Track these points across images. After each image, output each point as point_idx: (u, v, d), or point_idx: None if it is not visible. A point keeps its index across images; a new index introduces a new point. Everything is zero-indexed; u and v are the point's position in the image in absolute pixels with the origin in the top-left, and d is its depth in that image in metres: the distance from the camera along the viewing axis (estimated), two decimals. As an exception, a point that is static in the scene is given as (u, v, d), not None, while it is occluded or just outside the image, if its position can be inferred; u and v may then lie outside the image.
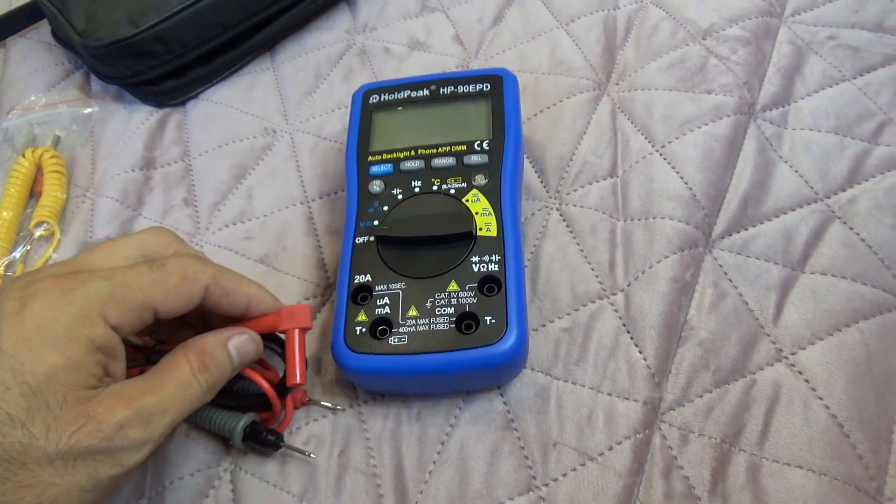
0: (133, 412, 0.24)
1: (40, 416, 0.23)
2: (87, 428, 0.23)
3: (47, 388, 0.23)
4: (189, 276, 0.27)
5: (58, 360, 0.23)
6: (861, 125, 0.38)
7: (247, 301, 0.29)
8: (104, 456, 0.23)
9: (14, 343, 0.23)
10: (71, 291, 0.25)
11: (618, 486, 0.28)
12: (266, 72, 0.47)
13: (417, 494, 0.29)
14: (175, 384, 0.26)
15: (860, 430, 0.29)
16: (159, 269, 0.26)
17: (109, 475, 0.24)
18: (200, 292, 0.27)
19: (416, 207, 0.33)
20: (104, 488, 0.24)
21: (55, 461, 0.23)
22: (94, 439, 0.23)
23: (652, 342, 0.32)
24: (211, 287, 0.28)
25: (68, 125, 0.45)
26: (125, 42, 0.43)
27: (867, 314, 0.32)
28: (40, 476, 0.22)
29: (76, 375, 0.24)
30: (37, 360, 0.23)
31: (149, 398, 0.25)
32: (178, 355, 0.27)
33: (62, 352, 0.24)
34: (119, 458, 0.24)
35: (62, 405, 0.23)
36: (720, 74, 0.41)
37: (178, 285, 0.27)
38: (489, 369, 0.29)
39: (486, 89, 0.36)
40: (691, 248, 0.34)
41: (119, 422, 0.24)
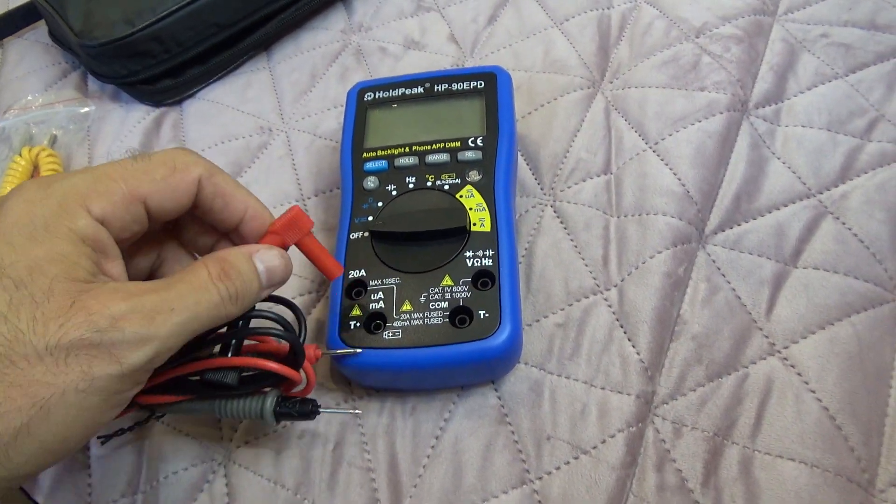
0: (131, 305, 0.22)
1: (25, 308, 0.21)
2: (77, 319, 0.21)
3: (30, 281, 0.22)
4: (179, 166, 0.25)
5: (39, 252, 0.22)
6: (853, 122, 0.39)
7: (244, 208, 0.27)
8: (98, 350, 0.21)
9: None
10: (49, 186, 0.23)
11: (611, 478, 0.29)
12: (262, 71, 0.47)
13: (412, 488, 0.29)
14: (186, 286, 0.24)
15: (852, 423, 0.29)
16: (144, 159, 0.25)
17: (107, 373, 0.21)
18: (192, 187, 0.25)
19: (410, 203, 0.33)
20: (104, 392, 0.22)
21: (45, 357, 0.21)
22: (85, 331, 0.21)
23: (645, 337, 0.32)
24: (204, 182, 0.26)
25: (65, 124, 0.45)
26: (122, 41, 0.43)
27: (859, 308, 0.32)
28: (31, 374, 0.21)
29: (61, 266, 0.22)
30: (17, 254, 0.22)
31: (152, 295, 0.23)
32: (196, 263, 0.25)
33: (43, 244, 0.22)
34: (116, 354, 0.22)
35: (48, 296, 0.21)
36: (713, 72, 0.41)
37: (165, 175, 0.25)
38: (483, 363, 0.29)
39: (479, 86, 0.37)
40: (684, 243, 0.35)
41: (114, 314, 0.22)
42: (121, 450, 0.31)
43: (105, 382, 0.22)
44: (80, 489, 0.30)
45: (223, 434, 0.32)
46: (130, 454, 0.31)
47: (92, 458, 0.31)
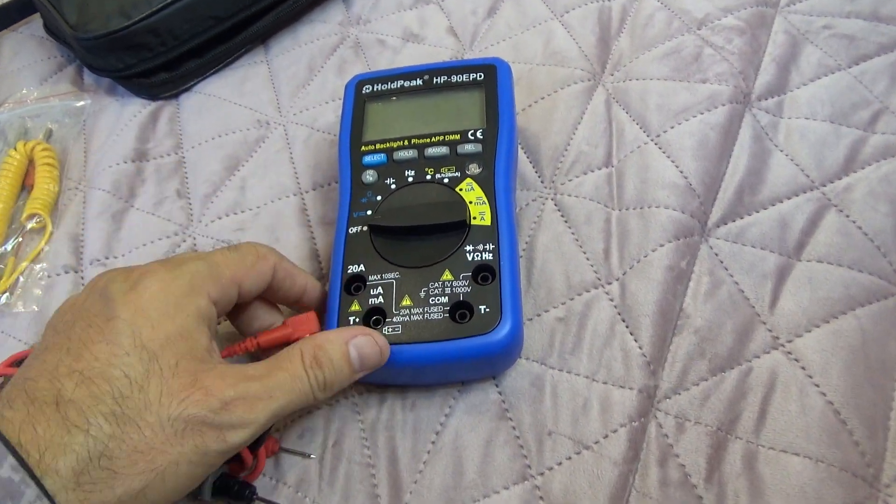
0: (239, 392, 0.24)
1: (155, 380, 0.24)
2: (196, 397, 0.24)
3: (162, 354, 0.24)
4: (261, 254, 0.29)
5: (171, 328, 0.25)
6: (857, 114, 0.38)
7: (304, 286, 0.31)
8: (210, 429, 0.24)
9: (132, 313, 0.24)
10: (176, 269, 0.26)
11: (613, 474, 0.28)
12: (259, 64, 0.47)
13: (412, 484, 0.29)
14: (284, 374, 0.26)
15: (857, 417, 0.29)
16: (237, 249, 0.29)
17: (215, 450, 0.24)
18: (271, 271, 0.29)
19: (409, 197, 0.33)
20: (208, 465, 0.24)
21: (166, 427, 0.23)
22: (202, 409, 0.24)
23: (647, 331, 0.31)
24: (277, 267, 0.30)
25: (60, 118, 0.44)
26: (117, 34, 0.42)
27: (863, 301, 0.32)
28: (153, 441, 0.23)
29: (187, 344, 0.25)
30: (153, 328, 0.24)
31: (255, 383, 0.25)
32: (294, 348, 0.27)
33: (174, 320, 0.25)
34: (224, 434, 0.24)
35: (174, 372, 0.24)
36: (715, 64, 0.40)
37: (254, 262, 0.29)
38: (484, 358, 0.29)
39: (479, 78, 0.36)
40: (687, 236, 0.34)
41: (225, 398, 0.24)
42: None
43: (211, 457, 0.24)
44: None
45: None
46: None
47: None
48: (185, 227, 0.39)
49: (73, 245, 0.39)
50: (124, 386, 0.23)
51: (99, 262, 0.38)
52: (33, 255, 0.38)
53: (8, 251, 0.39)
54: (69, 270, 0.38)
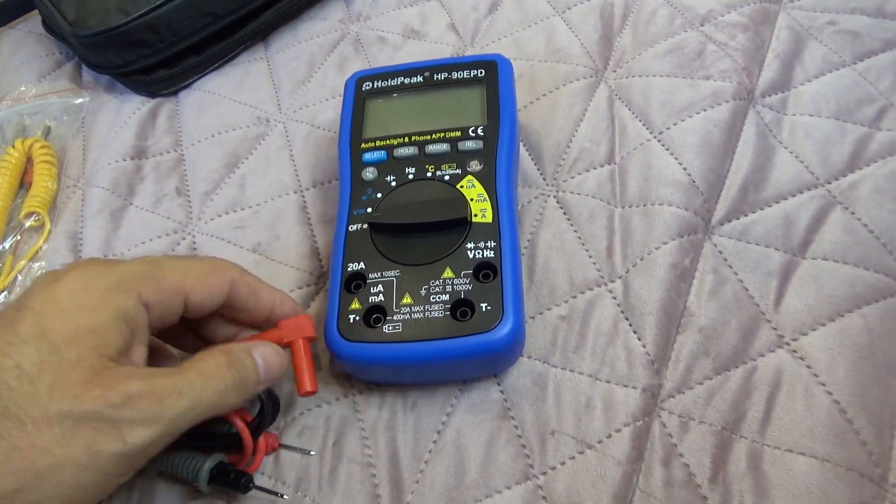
0: (146, 386, 0.23)
1: (49, 372, 0.22)
2: (94, 393, 0.22)
3: (65, 347, 0.22)
4: (218, 267, 0.28)
5: (84, 322, 0.23)
6: (862, 110, 0.38)
7: (271, 302, 0.29)
8: (107, 426, 0.22)
9: (43, 303, 0.23)
10: (111, 266, 0.25)
11: (617, 473, 0.28)
12: (259, 61, 0.47)
13: (413, 484, 0.29)
14: (197, 373, 0.25)
15: (863, 416, 0.28)
16: (191, 258, 0.28)
17: (110, 451, 0.22)
18: (226, 285, 0.28)
19: (410, 194, 0.33)
20: (102, 471, 0.22)
21: (53, 424, 0.21)
22: (99, 405, 0.22)
23: (651, 329, 0.31)
24: (237, 281, 0.28)
25: (59, 115, 0.44)
26: (116, 31, 0.42)
27: (869, 299, 0.31)
28: (36, 439, 0.21)
29: (98, 340, 0.23)
30: (64, 320, 0.23)
31: (164, 379, 0.24)
32: (204, 352, 0.26)
33: (90, 314, 0.23)
34: (122, 432, 0.22)
35: (74, 366, 0.22)
36: (718, 60, 0.40)
37: (207, 273, 0.27)
38: (485, 357, 0.29)
39: (480, 75, 0.36)
40: (690, 234, 0.34)
41: (129, 392, 0.22)
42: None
43: (105, 461, 0.22)
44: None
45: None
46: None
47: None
48: (185, 225, 0.39)
49: (72, 243, 0.39)
50: (13, 377, 0.22)
51: (97, 260, 0.37)
52: (32, 253, 0.38)
53: (6, 249, 0.38)
54: (67, 269, 0.37)
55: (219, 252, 0.37)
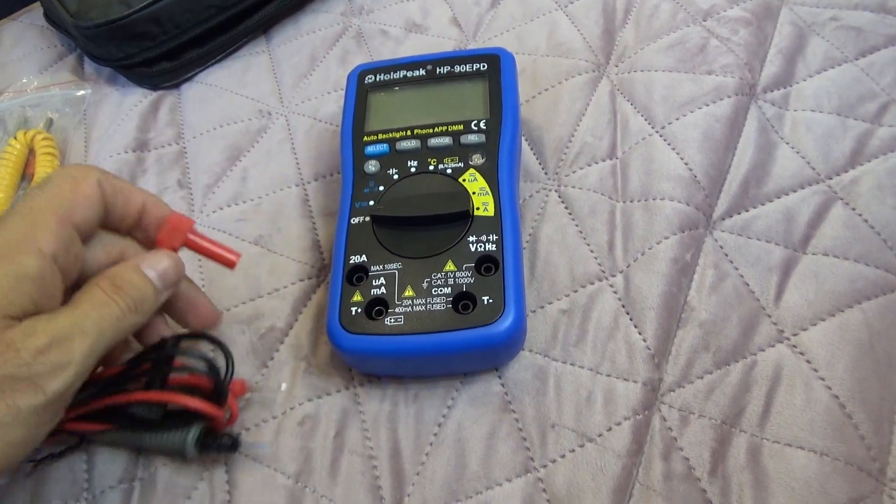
0: (50, 336, 0.23)
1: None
2: (6, 356, 0.22)
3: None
4: (78, 176, 0.26)
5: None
6: (863, 106, 0.38)
7: (142, 201, 0.28)
8: (24, 383, 0.22)
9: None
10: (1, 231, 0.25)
11: (617, 466, 0.28)
12: (261, 54, 0.47)
13: (414, 476, 0.29)
14: (88, 305, 0.25)
15: (862, 411, 0.28)
16: (48, 184, 0.26)
17: (30, 404, 0.23)
18: (95, 189, 0.27)
19: (412, 187, 0.33)
20: (27, 423, 0.23)
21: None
22: (13, 366, 0.22)
23: (651, 323, 0.31)
24: (103, 183, 0.27)
25: (61, 107, 0.44)
26: (118, 23, 0.42)
27: (869, 295, 0.31)
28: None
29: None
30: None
31: (64, 320, 0.24)
32: (89, 283, 0.26)
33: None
34: (40, 385, 0.23)
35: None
36: (721, 55, 0.40)
37: (73, 188, 0.26)
38: (486, 350, 0.29)
39: (482, 68, 0.36)
40: (692, 229, 0.34)
41: (38, 347, 0.23)
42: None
43: (28, 414, 0.22)
44: (76, 475, 0.30)
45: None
46: (128, 441, 0.31)
47: (89, 442, 0.31)
48: (186, 218, 0.39)
49: (74, 235, 0.39)
50: None
51: (99, 252, 0.38)
52: (33, 244, 0.38)
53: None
54: (69, 260, 0.37)
55: (221, 244, 0.37)
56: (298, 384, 0.32)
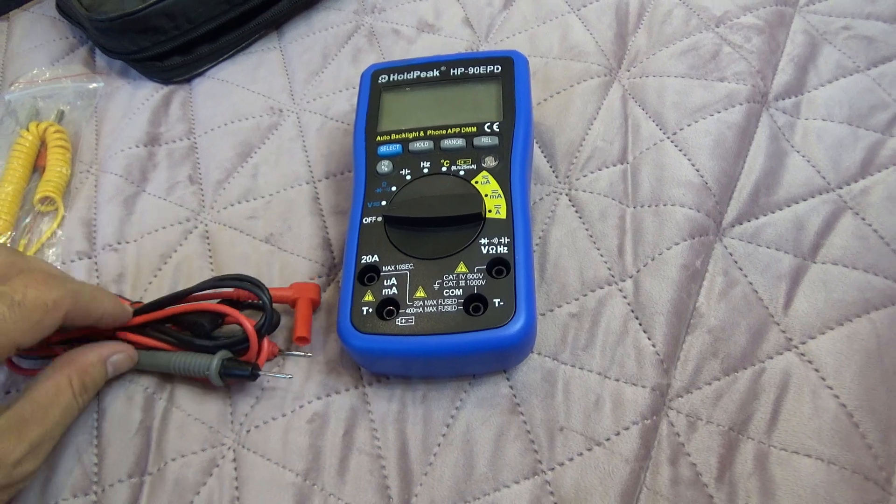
0: (27, 447, 0.26)
1: None
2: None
3: None
4: (51, 306, 0.26)
5: None
6: (875, 116, 0.38)
7: (101, 315, 0.29)
8: (3, 490, 0.25)
9: None
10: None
11: (624, 471, 0.28)
12: (273, 51, 0.47)
13: (422, 476, 0.29)
14: (59, 410, 0.27)
15: (870, 420, 0.29)
16: (20, 306, 0.25)
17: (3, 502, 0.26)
18: (60, 321, 0.27)
19: (424, 188, 0.33)
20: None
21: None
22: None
23: (661, 329, 0.31)
24: (70, 310, 0.27)
25: (72, 100, 0.44)
26: (131, 16, 0.42)
27: (878, 305, 0.31)
28: None
29: None
30: None
31: (37, 429, 0.26)
32: (60, 376, 0.28)
33: None
34: (16, 487, 0.26)
35: None
36: (733, 62, 0.40)
37: (40, 319, 0.26)
38: (497, 352, 0.29)
39: (496, 71, 0.36)
40: (702, 235, 0.34)
41: (17, 459, 0.25)
42: (129, 430, 0.31)
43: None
44: (86, 467, 0.30)
45: (233, 418, 0.31)
46: (138, 435, 0.31)
47: (100, 436, 0.31)
48: (197, 213, 0.39)
49: (86, 230, 0.39)
50: None
51: (111, 247, 0.38)
52: (46, 237, 0.38)
53: (20, 232, 0.38)
54: (83, 256, 0.38)
55: (231, 242, 0.37)
56: (308, 382, 0.32)
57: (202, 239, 0.37)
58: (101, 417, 0.31)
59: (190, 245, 0.37)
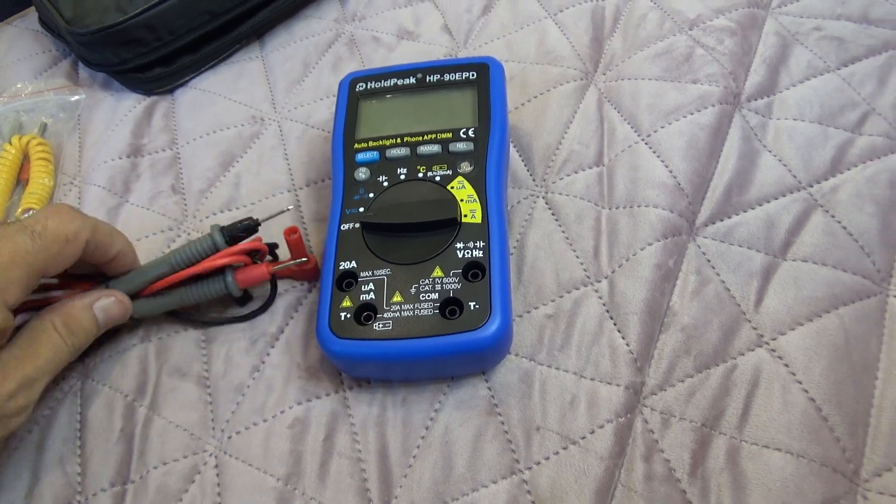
0: (18, 383, 0.26)
1: None
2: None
3: None
4: (71, 237, 0.28)
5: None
6: (845, 115, 0.39)
7: (115, 252, 0.30)
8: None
9: None
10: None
11: (599, 468, 0.29)
12: (255, 60, 0.47)
13: (402, 478, 0.30)
14: (49, 350, 0.28)
15: (838, 414, 0.29)
16: (41, 236, 0.27)
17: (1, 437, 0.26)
18: (80, 251, 0.29)
19: (401, 194, 0.33)
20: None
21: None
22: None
23: (635, 328, 0.32)
24: (90, 242, 0.29)
25: (55, 112, 0.45)
26: (112, 29, 0.43)
27: (846, 300, 0.32)
28: None
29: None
30: None
31: (29, 367, 0.27)
32: (45, 321, 0.28)
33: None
34: (7, 423, 0.26)
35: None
36: (706, 64, 0.41)
37: (62, 249, 0.28)
38: (473, 354, 0.30)
39: (472, 77, 0.37)
40: (675, 235, 0.35)
41: (9, 393, 0.26)
42: (110, 438, 0.31)
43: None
44: (69, 476, 0.31)
45: (214, 425, 0.32)
46: (120, 443, 0.31)
47: (82, 445, 0.31)
48: (180, 223, 0.39)
49: (68, 239, 0.39)
50: None
51: (93, 256, 0.38)
52: (28, 249, 0.38)
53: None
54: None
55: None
56: (289, 387, 0.32)
57: (184, 248, 0.38)
58: (84, 426, 0.32)
59: (172, 254, 0.38)
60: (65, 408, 0.33)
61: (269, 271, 0.33)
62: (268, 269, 0.33)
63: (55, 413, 0.33)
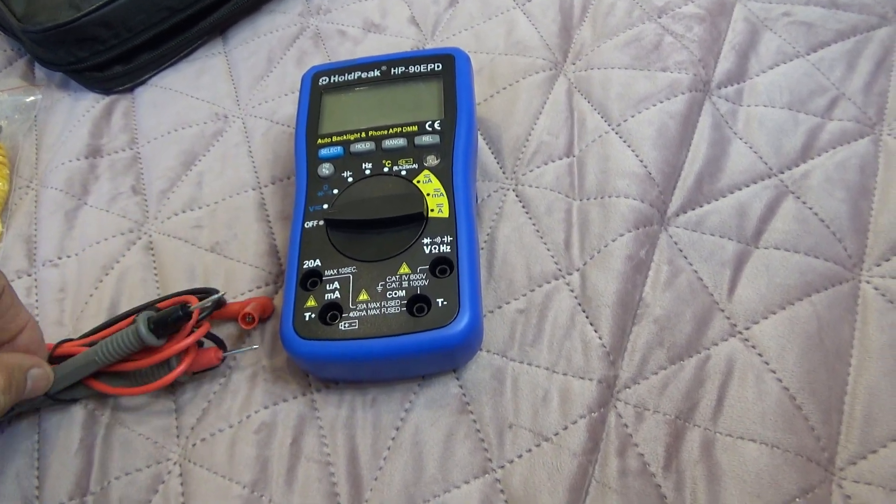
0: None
1: None
2: None
3: None
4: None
5: None
6: (814, 101, 0.39)
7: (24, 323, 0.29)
8: None
9: None
10: None
11: (573, 465, 0.28)
12: (217, 56, 0.46)
13: (372, 481, 0.29)
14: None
15: (812, 402, 0.29)
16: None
17: None
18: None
19: (366, 190, 0.32)
20: None
21: None
22: None
23: (607, 321, 0.31)
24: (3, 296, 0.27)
25: (10, 114, 0.43)
26: (67, 27, 0.41)
27: (819, 287, 0.32)
28: None
29: None
30: None
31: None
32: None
33: None
34: None
35: None
36: (675, 52, 0.40)
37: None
38: (442, 352, 0.29)
39: (437, 69, 0.36)
40: (646, 225, 0.34)
41: None
42: (69, 450, 0.30)
43: None
44: (26, 491, 0.29)
45: (179, 432, 0.31)
46: (79, 455, 0.30)
47: (40, 458, 0.30)
48: (141, 224, 0.38)
49: (27, 246, 0.38)
50: None
51: (51, 262, 0.37)
52: (-18, 255, 0.37)
53: (-45, 252, 0.37)
54: (22, 275, 0.37)
55: (176, 252, 0.36)
56: (255, 391, 0.31)
57: (146, 250, 0.37)
58: (42, 439, 0.31)
59: (133, 256, 0.36)
60: (22, 420, 0.31)
61: (220, 357, 0.31)
62: (217, 357, 0.31)
63: (13, 425, 0.31)
